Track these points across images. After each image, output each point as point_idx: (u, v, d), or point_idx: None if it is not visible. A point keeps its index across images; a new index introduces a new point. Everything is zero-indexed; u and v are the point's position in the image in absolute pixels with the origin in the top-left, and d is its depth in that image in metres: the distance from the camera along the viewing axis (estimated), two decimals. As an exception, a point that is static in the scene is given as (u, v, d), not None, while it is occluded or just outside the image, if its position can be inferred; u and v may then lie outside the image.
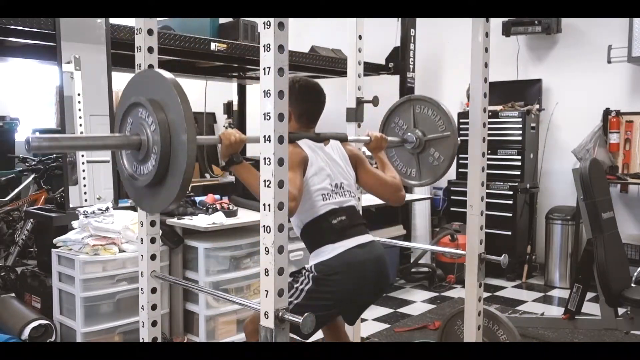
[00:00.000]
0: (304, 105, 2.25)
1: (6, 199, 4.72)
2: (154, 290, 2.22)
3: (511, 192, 5.11)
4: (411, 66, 5.39)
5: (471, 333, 2.34)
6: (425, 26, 5.50)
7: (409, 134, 2.74)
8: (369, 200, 3.11)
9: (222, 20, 4.48)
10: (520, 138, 5.15)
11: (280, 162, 1.53)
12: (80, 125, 3.52)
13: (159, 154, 1.62)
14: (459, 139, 2.65)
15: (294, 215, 2.18)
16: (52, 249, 3.20)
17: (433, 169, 2.71)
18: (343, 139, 2.41)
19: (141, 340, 2.23)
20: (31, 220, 4.17)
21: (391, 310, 4.28)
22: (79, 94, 3.51)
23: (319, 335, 2.45)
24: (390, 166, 2.50)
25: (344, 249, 2.16)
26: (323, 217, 2.18)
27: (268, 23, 1.49)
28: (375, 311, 4.18)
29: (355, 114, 2.93)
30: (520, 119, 5.14)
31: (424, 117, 2.73)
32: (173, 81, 1.64)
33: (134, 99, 1.71)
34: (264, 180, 1.54)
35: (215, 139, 1.95)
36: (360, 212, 2.66)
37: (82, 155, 3.52)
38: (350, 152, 2.40)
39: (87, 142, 1.81)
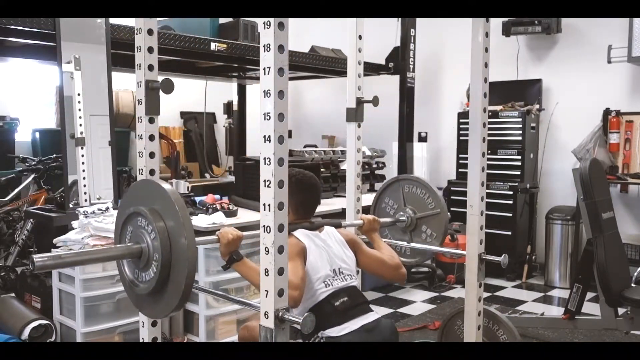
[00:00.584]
0: (300, 196, 2.29)
1: (6, 199, 4.72)
2: (154, 291, 2.22)
3: (511, 192, 5.11)
4: (411, 66, 5.39)
5: (471, 333, 2.34)
6: (425, 26, 5.50)
7: (400, 213, 2.86)
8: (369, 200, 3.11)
9: (222, 20, 4.48)
10: (520, 138, 5.15)
11: (280, 162, 1.53)
12: (80, 125, 3.52)
13: (160, 261, 1.67)
14: (448, 214, 2.81)
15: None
16: (52, 249, 3.19)
17: (426, 245, 2.82)
18: (337, 225, 2.46)
19: (141, 340, 2.23)
20: (31, 220, 4.17)
21: (391, 310, 4.27)
22: (79, 94, 3.51)
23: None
24: (387, 246, 2.56)
25: (350, 331, 2.17)
26: (325, 300, 2.20)
27: (268, 23, 1.49)
28: (375, 311, 4.16)
29: (355, 114, 2.93)
30: (520, 119, 5.14)
31: (413, 196, 2.86)
32: (171, 191, 1.70)
33: (133, 208, 1.77)
34: (264, 180, 1.54)
35: (214, 239, 1.99)
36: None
37: (82, 156, 3.52)
38: (347, 237, 2.43)
39: (91, 257, 1.87)
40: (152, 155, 2.21)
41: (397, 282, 2.60)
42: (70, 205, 3.41)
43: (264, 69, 1.52)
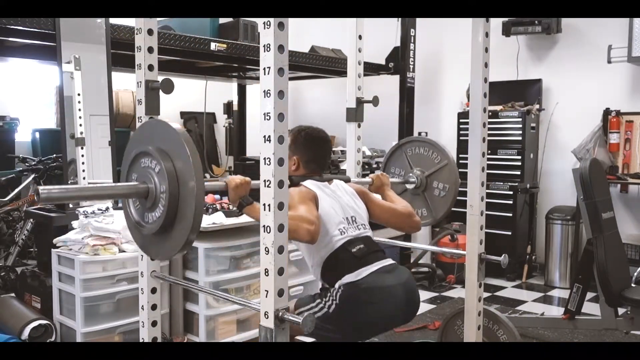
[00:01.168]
0: (311, 152, 2.32)
1: (6, 199, 4.72)
2: (154, 290, 2.22)
3: (511, 192, 5.10)
4: (411, 66, 5.39)
5: (471, 333, 2.34)
6: (425, 26, 5.50)
7: (410, 174, 2.83)
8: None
9: (222, 20, 4.48)
10: (520, 138, 5.15)
11: (280, 162, 1.53)
12: (80, 125, 3.52)
13: (166, 202, 1.63)
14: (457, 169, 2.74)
15: (313, 254, 2.21)
16: (52, 249, 3.19)
17: (442, 200, 2.78)
18: (346, 180, 2.47)
19: (141, 340, 2.23)
20: (31, 220, 4.17)
21: (391, 310, 4.27)
22: (79, 94, 3.51)
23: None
24: (399, 198, 2.54)
25: (369, 272, 2.16)
26: (341, 248, 2.20)
27: (268, 23, 1.49)
28: (375, 311, 4.16)
29: (355, 114, 2.93)
30: (520, 119, 5.14)
31: (417, 157, 2.83)
32: (180, 130, 1.65)
33: (140, 148, 1.73)
34: (264, 180, 1.54)
35: (221, 185, 1.99)
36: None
37: (82, 156, 3.52)
38: (356, 189, 2.43)
39: (96, 192, 1.82)
40: (152, 155, 2.21)
41: (411, 231, 2.59)
42: (70, 206, 3.41)
43: (264, 69, 1.52)
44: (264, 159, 1.54)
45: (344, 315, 2.12)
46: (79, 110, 3.51)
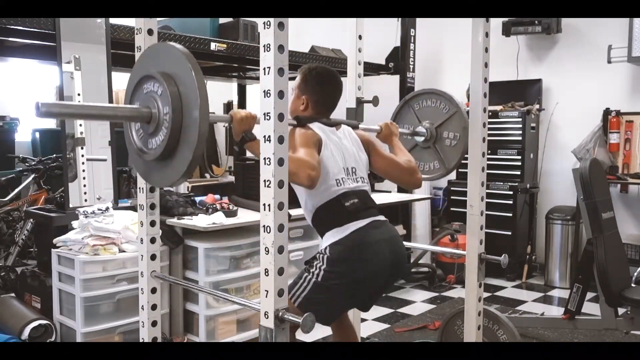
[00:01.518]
0: (321, 92, 2.25)
1: (6, 199, 4.72)
2: (154, 290, 2.22)
3: (511, 192, 5.11)
4: (411, 66, 5.39)
5: (471, 333, 2.34)
6: (425, 26, 5.50)
7: (419, 127, 2.74)
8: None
9: (222, 20, 4.48)
10: (520, 138, 5.15)
11: (280, 162, 1.53)
12: (80, 125, 3.51)
13: (169, 127, 1.58)
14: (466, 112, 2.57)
15: (307, 199, 2.19)
16: (52, 249, 3.19)
17: (453, 150, 2.70)
18: (354, 126, 2.40)
19: (141, 340, 2.23)
20: (31, 220, 4.17)
21: (391, 310, 4.27)
22: (79, 94, 3.50)
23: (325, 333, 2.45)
24: (405, 151, 2.48)
25: (356, 228, 2.15)
26: (335, 200, 2.18)
27: (268, 23, 1.49)
28: (375, 311, 4.17)
29: (355, 114, 2.93)
30: (520, 119, 5.14)
31: (425, 110, 2.73)
32: (186, 53, 1.59)
33: (145, 71, 1.67)
34: (264, 180, 1.54)
35: (226, 117, 1.94)
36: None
37: (82, 155, 3.52)
38: (362, 137, 2.39)
39: (97, 112, 1.75)
40: (152, 155, 2.21)
41: (412, 188, 2.54)
42: (68, 205, 3.41)
43: (264, 69, 1.52)
44: (264, 159, 1.54)
45: (333, 278, 2.10)
46: (79, 110, 3.51)
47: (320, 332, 3.34)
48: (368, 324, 3.94)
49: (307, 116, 2.22)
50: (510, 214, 5.11)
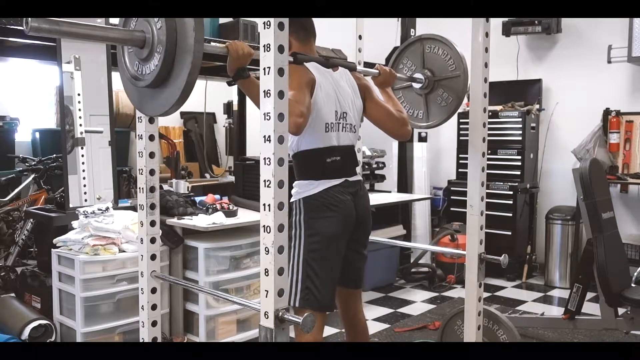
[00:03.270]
0: (295, 22, 2.17)
1: (6, 199, 4.72)
2: (154, 290, 2.22)
3: (511, 192, 5.11)
4: (411, 66, 5.38)
5: (471, 333, 2.34)
6: (425, 26, 5.48)
7: (418, 73, 2.70)
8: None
9: (222, 20, 4.47)
10: (520, 138, 5.16)
11: (280, 162, 1.53)
12: (80, 125, 3.51)
13: (163, 52, 1.56)
14: (468, 83, 2.53)
15: (293, 138, 2.18)
16: (52, 249, 3.19)
17: (441, 110, 2.67)
18: (352, 68, 2.38)
19: (141, 340, 2.23)
20: (31, 220, 4.17)
21: (391, 310, 4.27)
22: (79, 94, 3.50)
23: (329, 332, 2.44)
24: (397, 101, 2.48)
25: (329, 186, 2.19)
26: (319, 152, 2.19)
27: (268, 23, 1.49)
28: (375, 311, 4.18)
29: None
30: (520, 119, 5.14)
31: (434, 57, 2.67)
32: None
33: None
34: (264, 180, 1.54)
35: (222, 49, 1.90)
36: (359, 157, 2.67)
37: (82, 155, 3.52)
38: (359, 82, 2.38)
39: (88, 31, 1.68)
40: (152, 155, 2.21)
41: (400, 139, 2.54)
42: (68, 205, 3.41)
43: (264, 69, 1.52)
44: (264, 159, 1.54)
45: (313, 222, 2.17)
46: (79, 110, 3.51)
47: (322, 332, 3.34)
48: (368, 324, 3.91)
49: (303, 54, 2.18)
50: (510, 214, 5.12)
